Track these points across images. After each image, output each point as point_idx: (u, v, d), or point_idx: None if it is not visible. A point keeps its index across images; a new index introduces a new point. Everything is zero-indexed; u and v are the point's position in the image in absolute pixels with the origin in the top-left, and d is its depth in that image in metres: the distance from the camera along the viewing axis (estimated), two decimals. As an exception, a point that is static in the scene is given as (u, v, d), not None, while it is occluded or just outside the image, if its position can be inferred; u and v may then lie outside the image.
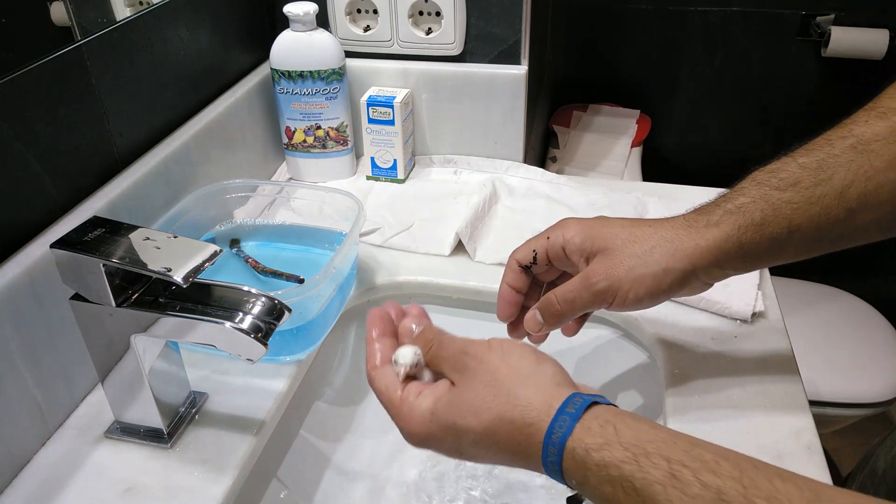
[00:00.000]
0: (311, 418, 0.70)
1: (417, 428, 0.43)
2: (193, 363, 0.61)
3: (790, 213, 0.47)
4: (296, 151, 0.89)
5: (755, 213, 0.47)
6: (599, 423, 0.37)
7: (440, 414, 0.42)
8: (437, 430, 0.43)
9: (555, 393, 0.40)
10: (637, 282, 0.49)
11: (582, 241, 0.51)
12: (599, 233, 0.51)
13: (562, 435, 0.38)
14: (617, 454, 0.36)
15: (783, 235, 0.47)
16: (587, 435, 0.37)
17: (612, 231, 0.51)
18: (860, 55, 1.41)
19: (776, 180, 0.48)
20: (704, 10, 1.48)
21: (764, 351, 0.63)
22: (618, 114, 1.52)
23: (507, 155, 0.92)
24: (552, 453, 0.38)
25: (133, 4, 0.67)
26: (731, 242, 0.48)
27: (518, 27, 0.85)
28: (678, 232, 0.49)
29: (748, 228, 0.47)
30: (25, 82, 0.54)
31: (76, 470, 0.54)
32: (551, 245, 0.53)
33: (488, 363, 0.42)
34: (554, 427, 0.38)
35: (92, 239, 0.47)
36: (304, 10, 0.81)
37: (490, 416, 0.40)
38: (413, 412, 0.44)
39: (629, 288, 0.49)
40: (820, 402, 1.28)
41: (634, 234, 0.50)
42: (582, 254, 0.52)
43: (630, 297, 0.49)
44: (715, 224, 0.48)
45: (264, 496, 0.61)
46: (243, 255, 0.71)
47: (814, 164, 0.47)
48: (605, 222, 0.52)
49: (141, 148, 0.69)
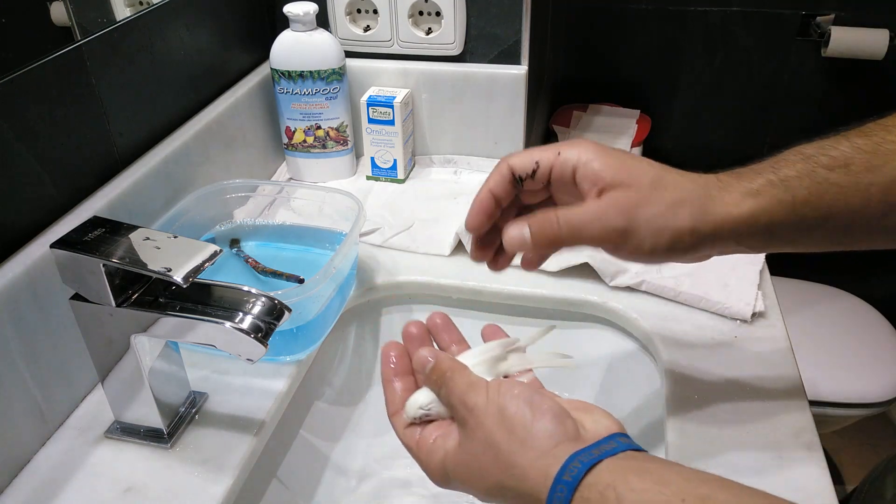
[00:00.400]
0: (310, 418, 0.70)
1: (435, 476, 0.44)
2: (193, 363, 0.61)
3: (833, 199, 0.42)
4: (296, 151, 0.89)
5: (799, 191, 0.42)
6: (599, 490, 0.35)
7: (450, 470, 0.42)
8: (452, 482, 0.43)
9: (550, 459, 0.37)
10: (657, 233, 0.43)
11: (601, 168, 0.43)
12: (623, 164, 0.44)
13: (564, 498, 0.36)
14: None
15: (817, 222, 0.43)
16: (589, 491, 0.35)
17: (639, 167, 0.44)
18: (860, 55, 1.41)
19: (826, 158, 0.43)
20: (704, 10, 1.48)
21: (764, 351, 0.63)
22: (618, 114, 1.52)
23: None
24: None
25: (133, 4, 0.67)
26: (764, 218, 0.43)
27: (518, 27, 0.85)
28: (711, 191, 0.43)
29: (786, 206, 0.42)
30: (25, 82, 0.54)
31: (76, 470, 0.54)
32: (561, 162, 0.45)
33: (485, 427, 0.40)
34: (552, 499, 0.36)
35: (92, 239, 0.47)
36: (304, 10, 0.81)
37: (492, 481, 0.40)
38: (431, 461, 0.44)
39: (646, 237, 0.43)
40: (820, 402, 1.28)
41: (663, 177, 0.44)
42: (596, 182, 0.44)
43: (645, 247, 0.43)
44: (754, 194, 0.43)
45: (264, 496, 0.61)
46: (243, 255, 0.71)
47: (869, 146, 0.42)
48: (627, 155, 0.45)
49: (141, 148, 0.69)
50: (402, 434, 0.46)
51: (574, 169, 0.44)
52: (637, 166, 0.44)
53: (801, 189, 0.43)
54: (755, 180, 0.43)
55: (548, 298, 0.71)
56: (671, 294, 0.69)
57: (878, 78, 1.49)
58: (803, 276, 1.51)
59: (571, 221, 0.43)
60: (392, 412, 0.47)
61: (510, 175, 0.47)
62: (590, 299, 0.70)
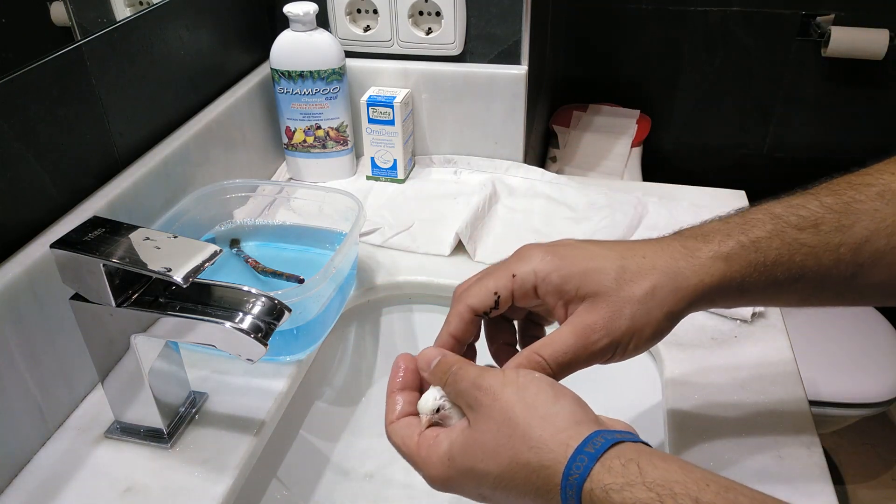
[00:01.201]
0: (311, 418, 0.70)
1: (437, 473, 0.41)
2: (193, 363, 0.61)
3: (803, 259, 0.42)
4: (296, 151, 0.89)
5: (769, 252, 0.42)
6: (622, 462, 0.34)
7: (456, 458, 0.40)
8: (456, 474, 0.40)
9: (573, 432, 0.37)
10: (639, 333, 0.42)
11: (561, 282, 0.43)
12: (582, 270, 0.43)
13: (579, 476, 0.35)
14: (640, 495, 0.33)
15: (789, 282, 0.43)
16: (607, 475, 0.34)
17: (598, 267, 0.43)
18: (860, 55, 1.41)
19: (795, 218, 0.43)
20: (704, 10, 1.48)
21: (764, 351, 0.63)
22: (618, 114, 1.52)
23: (507, 155, 0.92)
24: (570, 496, 0.35)
25: (133, 4, 0.67)
26: (736, 280, 0.42)
27: (518, 27, 0.85)
28: (678, 263, 0.43)
29: (757, 268, 0.42)
30: (25, 82, 0.54)
31: (76, 470, 0.54)
32: (519, 285, 0.44)
33: (503, 400, 0.39)
34: (571, 468, 0.35)
35: (92, 239, 0.47)
36: (304, 10, 0.81)
37: (506, 459, 0.38)
38: (431, 457, 0.41)
39: (630, 340, 0.42)
40: (820, 402, 1.28)
41: (626, 268, 0.42)
42: (561, 296, 0.43)
43: (630, 349, 0.43)
44: (724, 258, 0.42)
45: (264, 496, 0.61)
46: (243, 255, 0.71)
47: (838, 206, 0.42)
48: (583, 252, 0.44)
49: (141, 148, 0.69)
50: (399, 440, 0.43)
51: (534, 286, 0.44)
52: (596, 267, 0.43)
53: (771, 250, 0.42)
54: (725, 243, 0.43)
55: (548, 298, 0.71)
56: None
57: (878, 78, 1.49)
58: (803, 276, 1.51)
59: (560, 360, 0.43)
60: (390, 421, 0.44)
61: (471, 315, 0.46)
62: (590, 299, 0.70)
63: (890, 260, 0.42)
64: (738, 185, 0.88)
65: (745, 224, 0.43)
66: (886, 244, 0.41)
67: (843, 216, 0.42)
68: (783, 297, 0.45)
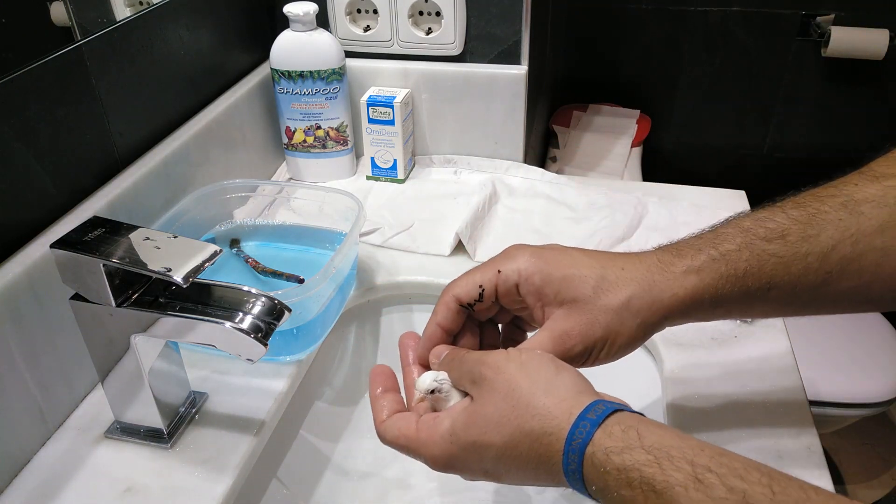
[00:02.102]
0: (311, 418, 0.70)
1: (439, 451, 0.42)
2: (193, 363, 0.61)
3: (773, 268, 0.44)
4: (296, 151, 0.89)
5: (739, 264, 0.44)
6: (622, 429, 0.36)
7: (459, 433, 0.41)
8: (458, 450, 0.41)
9: (575, 401, 0.38)
10: (612, 341, 0.44)
11: (542, 284, 0.45)
12: (564, 275, 0.45)
13: (582, 441, 0.36)
14: (638, 457, 0.35)
15: (760, 292, 0.44)
16: (608, 439, 0.36)
17: (579, 274, 0.45)
18: (860, 55, 1.41)
19: (763, 230, 0.44)
20: (704, 10, 1.48)
21: (764, 351, 0.63)
22: (618, 114, 1.52)
23: (507, 155, 0.92)
24: (572, 461, 0.37)
25: (133, 4, 0.67)
26: (709, 292, 0.44)
27: (518, 27, 0.85)
28: (654, 276, 0.44)
29: (729, 279, 0.44)
30: (25, 82, 0.54)
31: (76, 470, 0.54)
32: (503, 280, 0.46)
33: (506, 373, 0.40)
34: (574, 433, 0.37)
35: (92, 239, 0.47)
36: (304, 10, 0.81)
37: (510, 428, 0.39)
38: (432, 437, 0.42)
39: (603, 347, 0.45)
40: (820, 402, 1.28)
41: (605, 278, 0.44)
42: (540, 298, 0.45)
43: (602, 356, 0.45)
44: (695, 271, 0.44)
45: (264, 496, 0.61)
46: (243, 255, 0.71)
47: (804, 217, 0.44)
48: (565, 259, 0.46)
49: (141, 148, 0.69)
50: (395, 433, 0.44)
51: (516, 284, 0.46)
52: (577, 274, 0.45)
53: (741, 262, 0.44)
54: (697, 257, 0.45)
55: (548, 298, 0.71)
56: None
57: (878, 78, 1.49)
58: (803, 276, 1.51)
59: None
60: (381, 421, 0.46)
61: (456, 306, 0.48)
62: (590, 299, 0.70)
63: (856, 267, 0.43)
64: (738, 185, 0.88)
65: (716, 238, 0.45)
66: (852, 252, 0.43)
67: (808, 227, 0.44)
68: (757, 307, 0.46)
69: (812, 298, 0.45)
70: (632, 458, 0.35)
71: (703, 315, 0.46)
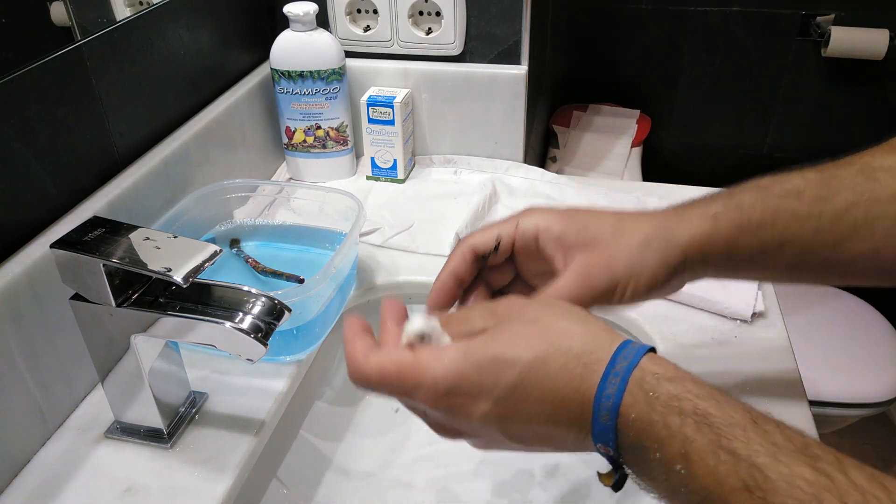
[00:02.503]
0: (311, 418, 0.70)
1: (442, 373, 0.36)
2: (193, 363, 0.61)
3: (787, 223, 0.44)
4: (296, 151, 0.89)
5: (754, 214, 0.44)
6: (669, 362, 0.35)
7: (477, 350, 0.36)
8: (470, 368, 0.36)
9: (615, 336, 0.37)
10: (636, 279, 0.44)
11: (562, 232, 0.45)
12: (582, 223, 0.46)
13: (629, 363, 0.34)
14: (691, 388, 0.33)
15: (774, 247, 0.45)
16: (657, 367, 0.34)
17: (597, 221, 0.46)
18: (860, 55, 1.41)
19: (779, 188, 0.45)
20: (704, 10, 1.48)
21: (764, 351, 0.63)
22: (618, 114, 1.52)
23: (507, 155, 0.92)
24: (612, 384, 0.34)
25: (133, 4, 0.67)
26: (723, 238, 0.44)
27: (518, 27, 0.85)
28: (669, 222, 0.45)
29: (743, 228, 0.44)
30: (25, 82, 0.54)
31: (76, 470, 0.54)
32: (521, 233, 0.46)
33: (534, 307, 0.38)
34: (618, 357, 0.35)
35: (92, 239, 0.47)
36: (304, 10, 0.81)
37: (543, 343, 0.36)
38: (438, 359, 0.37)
39: (627, 284, 0.44)
40: (820, 402, 1.28)
41: (623, 224, 0.45)
42: (561, 246, 0.45)
43: (628, 294, 0.44)
44: (712, 216, 0.45)
45: (264, 496, 0.61)
46: (243, 255, 0.71)
47: (820, 179, 0.45)
48: (582, 212, 0.47)
49: (141, 148, 0.69)
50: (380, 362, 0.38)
51: (535, 236, 0.46)
52: (594, 221, 0.46)
53: (755, 212, 0.45)
54: (711, 205, 0.45)
55: (548, 298, 0.71)
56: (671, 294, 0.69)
57: (878, 78, 1.49)
58: (803, 276, 1.51)
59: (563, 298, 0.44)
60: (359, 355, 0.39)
61: (472, 255, 0.47)
62: (590, 299, 0.70)
63: (868, 231, 0.44)
64: (738, 185, 0.88)
65: (731, 192, 0.46)
66: (865, 216, 0.43)
67: (824, 188, 0.44)
68: (770, 263, 0.46)
69: (824, 260, 0.45)
70: (684, 388, 0.34)
71: (720, 265, 0.46)
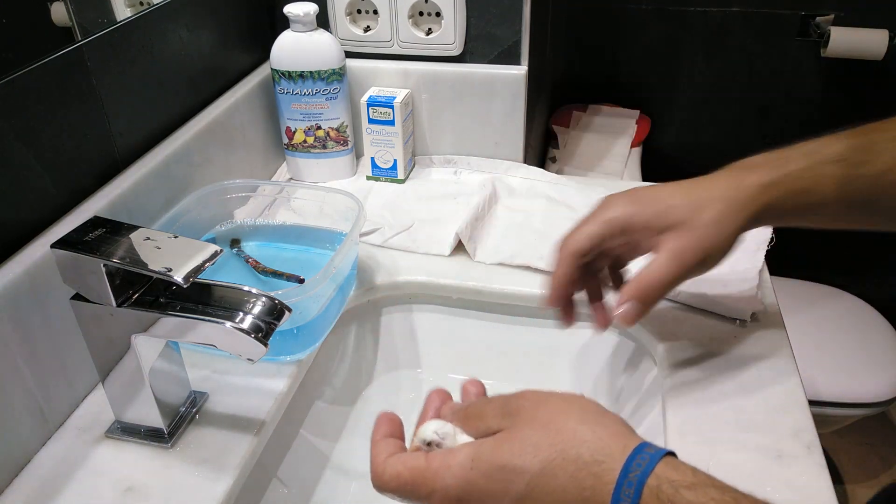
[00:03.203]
0: (311, 418, 0.70)
1: (454, 481, 0.36)
2: (194, 363, 0.61)
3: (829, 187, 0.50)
4: (296, 151, 0.89)
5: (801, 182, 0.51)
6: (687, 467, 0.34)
7: (484, 457, 0.36)
8: (479, 477, 0.36)
9: (628, 438, 0.35)
10: (719, 247, 0.51)
11: (649, 218, 0.52)
12: (661, 206, 0.52)
13: (642, 472, 0.33)
14: (714, 495, 0.32)
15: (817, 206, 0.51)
16: (674, 472, 0.33)
17: (675, 202, 0.52)
18: (860, 55, 1.41)
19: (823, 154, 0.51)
20: (704, 10, 1.48)
21: (764, 351, 0.63)
22: (618, 114, 1.52)
23: (507, 155, 0.92)
24: (627, 495, 0.33)
25: (133, 4, 0.67)
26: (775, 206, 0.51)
27: (518, 27, 0.85)
28: (730, 193, 0.51)
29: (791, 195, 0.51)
30: (26, 82, 0.54)
31: (76, 470, 0.54)
32: (610, 228, 0.53)
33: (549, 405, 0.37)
34: (632, 463, 0.33)
35: (92, 239, 0.47)
36: (305, 11, 0.81)
37: (551, 452, 0.35)
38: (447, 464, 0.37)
39: (714, 255, 0.51)
40: (820, 402, 1.28)
41: (697, 200, 0.51)
42: (650, 230, 0.52)
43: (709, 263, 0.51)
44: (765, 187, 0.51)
45: (264, 496, 0.61)
46: (243, 255, 0.71)
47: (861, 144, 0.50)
48: (652, 193, 0.53)
49: (141, 148, 0.69)
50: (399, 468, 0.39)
51: (621, 227, 0.53)
52: (671, 203, 0.52)
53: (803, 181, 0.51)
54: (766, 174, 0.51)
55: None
56: (671, 294, 0.69)
57: (877, 78, 1.49)
58: (803, 276, 1.51)
59: (664, 280, 0.51)
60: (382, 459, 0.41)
61: (573, 260, 0.54)
62: (590, 299, 0.70)
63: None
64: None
65: (781, 159, 0.52)
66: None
67: (865, 153, 0.50)
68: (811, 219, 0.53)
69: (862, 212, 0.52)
70: (705, 496, 0.32)
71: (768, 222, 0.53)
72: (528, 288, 0.72)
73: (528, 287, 0.72)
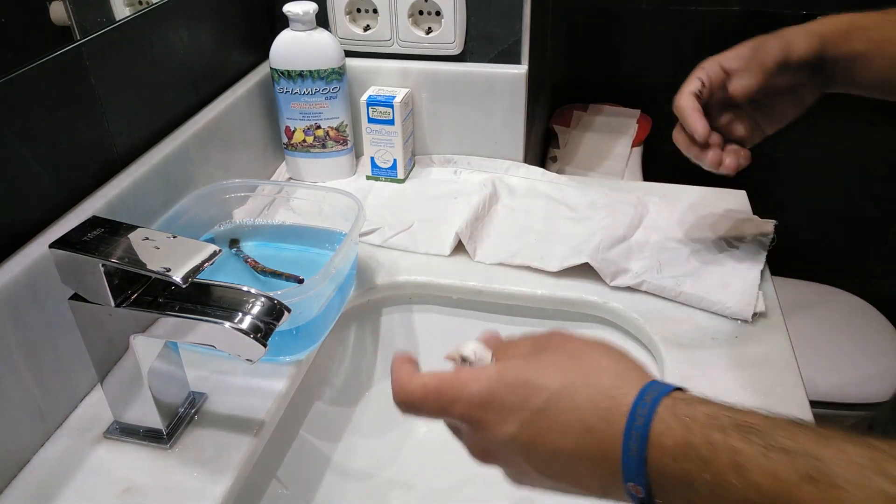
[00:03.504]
0: (310, 418, 0.70)
1: (477, 389, 0.38)
2: (193, 363, 0.61)
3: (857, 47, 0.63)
4: (295, 151, 0.89)
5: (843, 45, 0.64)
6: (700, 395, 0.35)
7: (510, 373, 0.38)
8: (502, 387, 0.38)
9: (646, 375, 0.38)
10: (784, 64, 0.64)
11: (737, 53, 0.66)
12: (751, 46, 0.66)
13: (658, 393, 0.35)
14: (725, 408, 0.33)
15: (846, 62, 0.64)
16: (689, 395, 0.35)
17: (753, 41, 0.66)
18: (860, 55, 1.41)
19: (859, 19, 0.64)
20: (704, 10, 1.48)
21: (764, 351, 0.63)
22: (618, 113, 1.52)
23: (507, 155, 0.92)
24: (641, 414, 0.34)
25: (133, 4, 0.67)
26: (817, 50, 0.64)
27: (518, 27, 0.85)
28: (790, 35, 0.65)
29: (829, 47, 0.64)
30: (25, 82, 0.54)
31: (75, 470, 0.53)
32: (711, 71, 0.67)
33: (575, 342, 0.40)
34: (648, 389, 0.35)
35: (91, 239, 0.47)
36: (304, 10, 0.81)
37: (574, 376, 0.37)
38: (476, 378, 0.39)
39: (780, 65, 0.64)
40: (820, 402, 1.28)
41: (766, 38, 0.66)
42: (741, 60, 0.66)
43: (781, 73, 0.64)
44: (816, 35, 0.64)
45: (264, 496, 0.61)
46: (243, 255, 0.71)
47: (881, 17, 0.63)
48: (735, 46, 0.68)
49: (140, 148, 0.69)
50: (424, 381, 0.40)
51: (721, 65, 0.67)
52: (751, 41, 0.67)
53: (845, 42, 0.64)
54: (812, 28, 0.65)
55: (548, 298, 0.71)
56: (671, 294, 0.69)
57: (878, 78, 1.48)
58: (803, 276, 1.51)
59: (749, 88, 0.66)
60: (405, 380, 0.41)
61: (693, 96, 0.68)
62: (590, 299, 0.70)
63: None
64: (739, 185, 0.87)
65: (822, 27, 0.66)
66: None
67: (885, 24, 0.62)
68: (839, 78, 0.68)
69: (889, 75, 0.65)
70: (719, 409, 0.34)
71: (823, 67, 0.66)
72: (528, 288, 0.72)
73: (528, 287, 0.72)
